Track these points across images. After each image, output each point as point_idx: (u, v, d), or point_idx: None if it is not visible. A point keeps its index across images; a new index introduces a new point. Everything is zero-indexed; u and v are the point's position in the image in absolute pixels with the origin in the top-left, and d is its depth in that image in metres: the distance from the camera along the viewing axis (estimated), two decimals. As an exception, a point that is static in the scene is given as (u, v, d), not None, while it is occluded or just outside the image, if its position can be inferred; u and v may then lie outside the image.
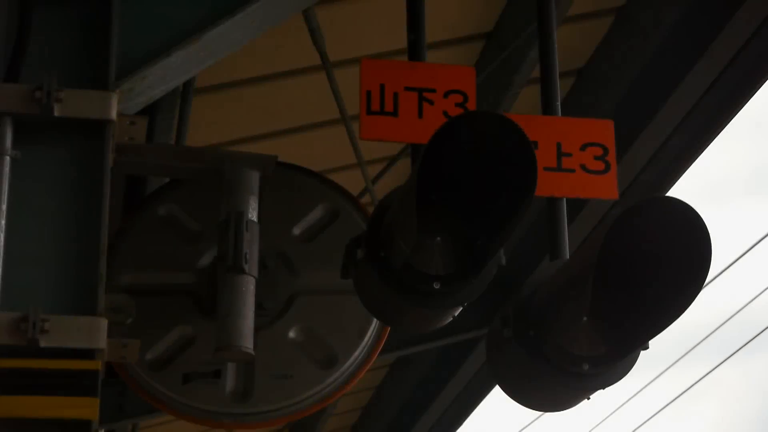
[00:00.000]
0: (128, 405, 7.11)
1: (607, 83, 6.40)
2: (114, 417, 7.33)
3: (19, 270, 4.03)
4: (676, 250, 4.19)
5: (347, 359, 5.20)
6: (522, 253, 6.50)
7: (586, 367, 4.48)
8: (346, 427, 11.29)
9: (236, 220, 4.81)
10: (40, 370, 3.99)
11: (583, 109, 6.28)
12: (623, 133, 5.26)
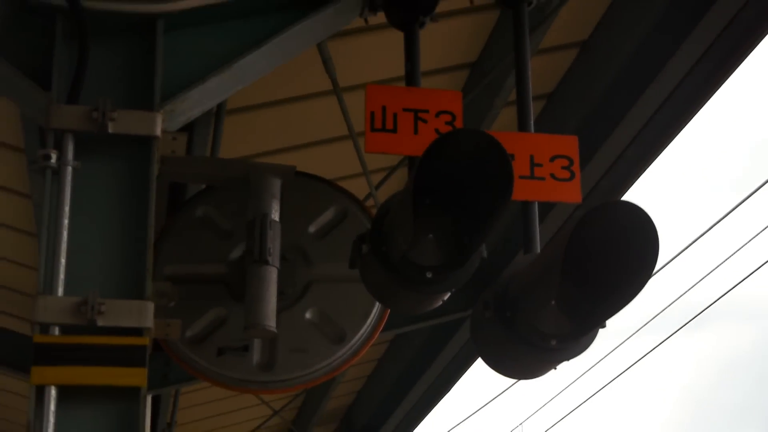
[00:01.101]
0: (171, 374, 7.12)
1: (572, 105, 6.41)
2: (159, 384, 7.33)
3: (80, 262, 4.03)
4: (629, 246, 4.20)
5: (354, 336, 5.20)
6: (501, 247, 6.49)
7: (553, 342, 4.48)
8: (353, 392, 11.27)
9: (261, 220, 4.81)
10: (97, 345, 3.98)
11: (552, 127, 6.28)
12: (586, 147, 5.27)
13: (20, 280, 7.59)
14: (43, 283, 3.96)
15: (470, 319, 4.95)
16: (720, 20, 5.44)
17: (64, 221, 4.04)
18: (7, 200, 6.76)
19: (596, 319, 4.41)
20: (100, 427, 3.97)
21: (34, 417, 3.92)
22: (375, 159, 5.85)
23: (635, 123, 6.09)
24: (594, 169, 6.30)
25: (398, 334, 8.74)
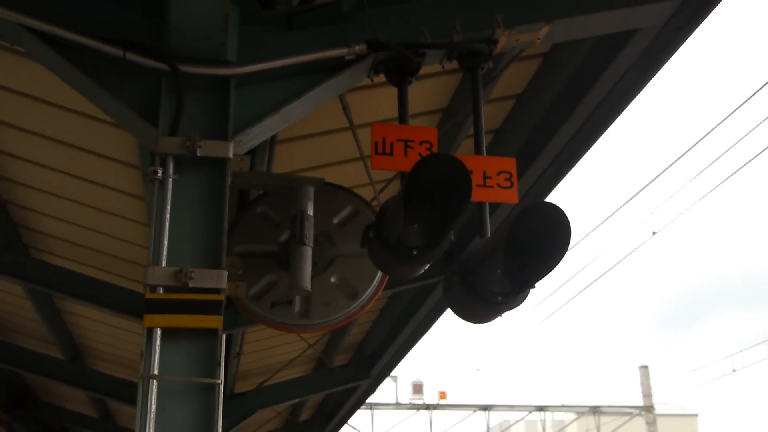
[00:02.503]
0: (239, 320, 7.15)
1: (512, 138, 6.44)
2: (231, 326, 7.36)
3: (177, 244, 4.05)
4: (550, 232, 4.21)
5: (364, 294, 5.20)
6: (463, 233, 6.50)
7: (499, 298, 4.49)
8: (363, 331, 11.31)
9: (301, 215, 4.83)
10: (189, 300, 4.00)
11: (498, 152, 6.29)
12: (521, 165, 5.31)
13: (137, 255, 7.62)
14: (152, 257, 3.99)
15: (443, 283, 4.96)
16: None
17: (166, 216, 4.06)
18: (128, 201, 6.79)
19: (528, 282, 4.43)
20: (191, 355, 3.99)
21: (145, 349, 3.95)
22: (378, 174, 5.87)
23: (552, 151, 6.14)
24: (526, 181, 6.33)
25: (394, 292, 8.76)
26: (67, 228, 7.47)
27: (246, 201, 5.76)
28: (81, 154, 6.22)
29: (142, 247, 7.34)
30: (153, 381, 3.93)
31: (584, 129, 5.93)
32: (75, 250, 7.79)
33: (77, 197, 6.94)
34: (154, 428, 3.90)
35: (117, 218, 7.15)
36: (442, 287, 5.03)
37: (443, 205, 4.26)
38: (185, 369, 3.97)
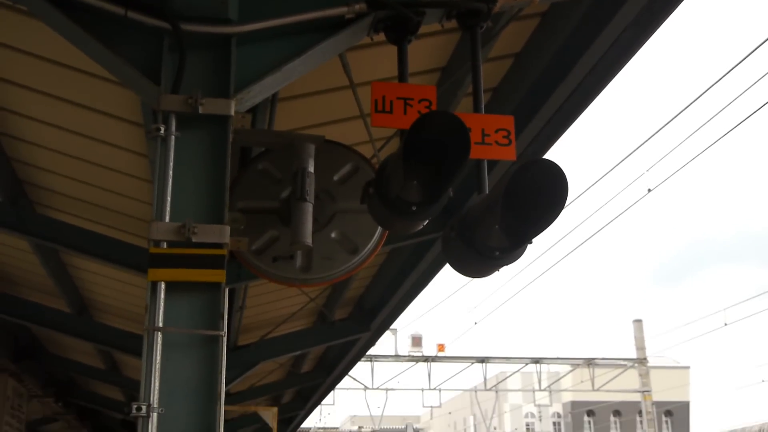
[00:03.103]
0: (242, 274, 7.18)
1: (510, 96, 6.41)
2: (234, 281, 7.40)
3: (180, 199, 4.07)
4: (547, 188, 4.22)
5: (364, 249, 5.23)
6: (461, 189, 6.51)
7: (497, 253, 4.52)
8: (363, 286, 11.35)
9: (302, 172, 4.82)
10: (192, 254, 4.02)
11: (496, 110, 6.28)
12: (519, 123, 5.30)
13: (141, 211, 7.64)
14: (156, 212, 4.01)
15: (441, 238, 4.99)
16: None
17: (169, 172, 4.07)
18: (132, 158, 6.79)
19: (525, 238, 4.45)
20: (195, 308, 4.02)
21: (150, 302, 3.98)
22: (378, 131, 5.87)
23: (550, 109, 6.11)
24: (524, 138, 6.32)
25: (393, 247, 8.80)
26: (71, 184, 7.48)
27: (247, 158, 5.77)
28: (84, 111, 6.21)
29: (146, 204, 7.36)
30: (158, 333, 3.97)
31: (582, 87, 5.91)
32: (80, 206, 7.81)
33: (81, 154, 6.94)
34: (159, 379, 3.95)
35: (121, 175, 7.15)
36: (440, 243, 5.05)
37: (442, 162, 4.26)
38: (189, 321, 4.01)
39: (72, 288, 9.85)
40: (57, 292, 9.63)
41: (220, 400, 4.09)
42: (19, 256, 8.93)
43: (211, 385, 4.06)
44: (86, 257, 7.84)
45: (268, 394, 16.86)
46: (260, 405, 16.61)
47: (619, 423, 71.59)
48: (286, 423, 20.74)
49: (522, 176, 4.19)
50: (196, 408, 4.05)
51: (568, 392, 54.96)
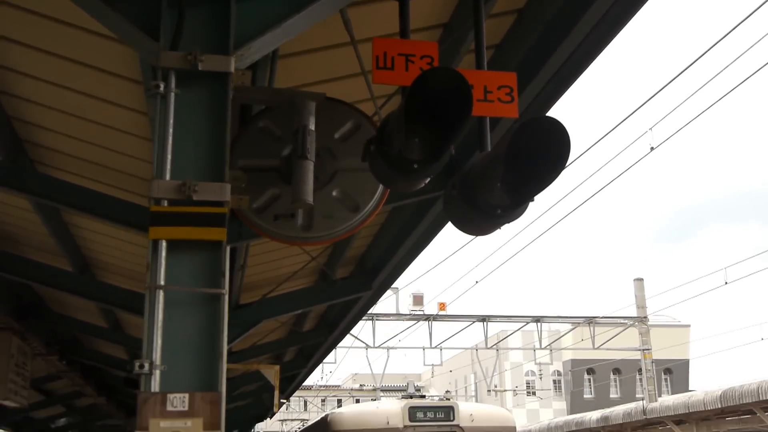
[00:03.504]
0: (243, 233, 7.17)
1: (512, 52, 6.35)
2: (235, 239, 7.39)
3: (180, 157, 4.05)
4: (549, 146, 4.21)
5: (365, 207, 5.23)
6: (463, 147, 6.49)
7: (498, 211, 4.52)
8: (364, 245, 11.36)
9: (302, 130, 4.80)
10: (193, 212, 4.01)
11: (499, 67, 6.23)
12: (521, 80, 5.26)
13: (142, 170, 7.62)
14: (156, 171, 3.99)
15: (443, 196, 4.99)
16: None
17: (169, 130, 4.05)
18: (132, 116, 6.76)
19: (527, 195, 4.45)
20: (196, 266, 4.03)
21: (151, 260, 3.98)
22: (379, 88, 5.83)
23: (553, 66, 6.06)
24: (527, 96, 6.27)
25: (394, 206, 8.79)
26: (72, 143, 7.46)
27: (248, 116, 5.73)
28: (83, 69, 6.17)
29: (146, 162, 7.34)
30: (159, 291, 3.98)
31: (585, 44, 5.86)
32: (80, 165, 7.79)
33: (81, 112, 6.91)
34: (161, 336, 3.96)
35: (121, 133, 7.12)
36: (442, 201, 5.05)
37: (444, 119, 4.24)
38: (191, 280, 4.01)
39: (73, 247, 9.87)
40: (59, 251, 9.65)
41: (222, 358, 4.11)
42: (20, 215, 8.93)
43: (213, 342, 4.07)
44: (87, 216, 7.84)
45: (270, 352, 16.98)
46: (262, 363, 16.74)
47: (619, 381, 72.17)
48: (288, 381, 20.92)
49: (524, 134, 4.17)
50: (198, 365, 4.07)
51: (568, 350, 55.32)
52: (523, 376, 71.39)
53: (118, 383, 18.00)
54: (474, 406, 16.65)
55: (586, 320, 32.19)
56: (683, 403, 27.40)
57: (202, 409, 4.03)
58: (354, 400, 57.44)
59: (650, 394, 31.02)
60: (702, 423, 28.15)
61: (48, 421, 25.78)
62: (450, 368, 63.84)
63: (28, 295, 11.93)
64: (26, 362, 12.38)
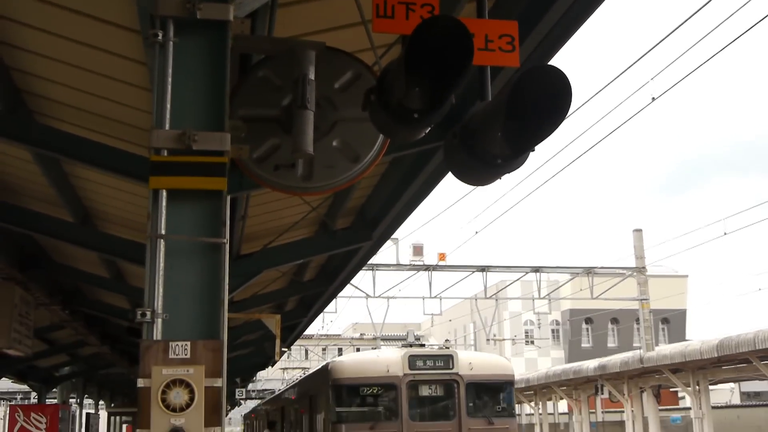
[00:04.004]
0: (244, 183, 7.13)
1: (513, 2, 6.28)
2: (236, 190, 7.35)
3: (180, 107, 4.04)
4: (550, 95, 4.18)
5: (365, 157, 5.23)
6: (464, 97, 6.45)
7: (499, 161, 4.51)
8: (365, 195, 11.35)
9: (302, 79, 4.78)
10: (193, 162, 4.02)
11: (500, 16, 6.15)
12: (522, 30, 5.20)
13: (141, 120, 7.59)
14: (155, 120, 3.99)
15: (443, 146, 4.97)
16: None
17: (168, 79, 4.04)
18: (131, 66, 6.71)
19: (528, 145, 4.44)
20: (197, 216, 4.04)
21: (152, 210, 3.99)
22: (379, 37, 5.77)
23: (555, 15, 5.99)
24: (528, 45, 6.21)
25: (395, 156, 8.78)
26: (71, 93, 7.41)
27: (247, 65, 5.69)
28: (82, 18, 6.10)
29: (146, 113, 7.30)
30: (160, 240, 4.00)
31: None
32: (80, 115, 7.75)
33: (80, 62, 6.85)
34: (162, 285, 3.99)
35: (120, 83, 7.08)
36: (442, 151, 5.04)
37: (444, 69, 4.21)
38: (192, 229, 4.03)
39: (74, 197, 9.87)
40: (59, 202, 9.66)
41: (223, 307, 4.14)
42: (20, 165, 8.92)
43: (215, 291, 4.10)
44: (87, 167, 7.83)
45: (271, 302, 17.09)
46: (264, 313, 16.86)
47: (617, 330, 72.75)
48: (289, 330, 21.09)
49: (525, 83, 4.15)
50: (200, 314, 4.10)
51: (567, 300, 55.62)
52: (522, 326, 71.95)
53: (122, 333, 18.15)
54: (473, 355, 16.79)
55: (584, 270, 32.33)
56: (680, 352, 27.64)
57: (204, 357, 4.08)
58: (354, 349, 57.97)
59: (647, 343, 31.29)
60: (698, 371, 28.44)
61: (52, 369, 26.06)
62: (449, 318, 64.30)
63: (30, 245, 11.97)
64: (29, 312, 12.46)
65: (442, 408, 15.26)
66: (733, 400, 54.97)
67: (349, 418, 14.90)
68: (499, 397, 15.63)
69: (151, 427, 4.01)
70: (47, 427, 17.02)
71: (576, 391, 37.83)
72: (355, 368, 15.35)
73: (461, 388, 15.07)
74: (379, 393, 15.14)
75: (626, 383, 32.87)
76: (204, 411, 4.06)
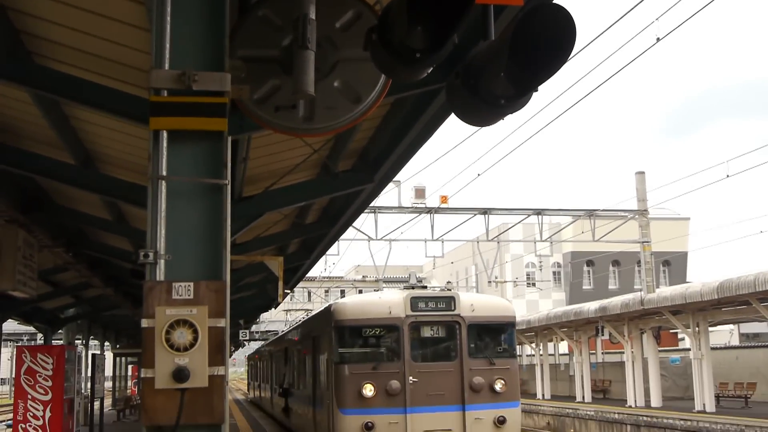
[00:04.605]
0: (245, 125, 7.11)
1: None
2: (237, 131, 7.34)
3: (179, 46, 4.00)
4: (554, 34, 4.14)
5: (367, 98, 5.19)
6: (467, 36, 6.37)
7: (502, 101, 4.48)
8: (367, 137, 11.30)
9: (303, 18, 4.72)
10: (194, 102, 4.00)
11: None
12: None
13: (141, 61, 7.52)
14: (155, 60, 3.95)
15: (446, 86, 4.94)
16: None
17: (167, 18, 3.99)
18: (130, 5, 6.62)
19: (531, 85, 4.41)
20: (198, 157, 4.03)
21: (153, 151, 3.98)
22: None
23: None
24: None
25: (397, 98, 8.71)
26: (69, 34, 7.33)
27: (247, 4, 5.62)
28: (78, -44, 6.02)
29: (146, 54, 7.23)
30: (162, 182, 3.99)
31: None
32: (79, 56, 7.67)
33: (78, 2, 6.76)
34: (165, 227, 3.99)
35: (119, 23, 6.99)
36: (445, 91, 5.00)
37: (447, 7, 4.16)
38: (193, 170, 4.02)
39: (75, 140, 9.83)
40: (60, 144, 9.62)
41: (226, 248, 4.15)
42: (19, 107, 8.87)
43: (217, 232, 4.11)
44: (87, 108, 7.78)
45: (274, 244, 17.15)
46: (266, 255, 16.93)
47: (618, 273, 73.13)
48: (291, 272, 21.20)
49: (529, 21, 4.10)
50: (202, 255, 4.11)
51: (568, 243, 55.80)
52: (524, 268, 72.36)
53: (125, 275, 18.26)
54: (475, 297, 16.91)
55: (586, 213, 32.37)
56: (680, 294, 27.82)
57: (207, 297, 4.10)
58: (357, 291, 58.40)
59: (648, 285, 31.47)
60: (698, 313, 28.65)
61: (57, 311, 26.29)
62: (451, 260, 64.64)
63: (32, 188, 11.97)
64: (33, 254, 12.52)
65: (444, 349, 15.42)
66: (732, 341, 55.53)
67: (351, 359, 15.07)
68: (500, 339, 15.78)
69: (155, 367, 4.05)
70: (54, 368, 17.22)
71: (576, 332, 38.17)
72: (357, 310, 15.48)
73: (463, 329, 15.21)
74: (381, 334, 15.29)
75: (626, 325, 33.15)
76: (208, 351, 4.10)
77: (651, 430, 27.28)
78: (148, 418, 4.15)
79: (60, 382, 17.32)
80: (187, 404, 4.12)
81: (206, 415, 4.18)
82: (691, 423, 25.24)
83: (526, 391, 43.38)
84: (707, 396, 28.58)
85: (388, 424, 14.45)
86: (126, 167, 10.83)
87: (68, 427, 17.98)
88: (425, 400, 14.69)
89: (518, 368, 16.63)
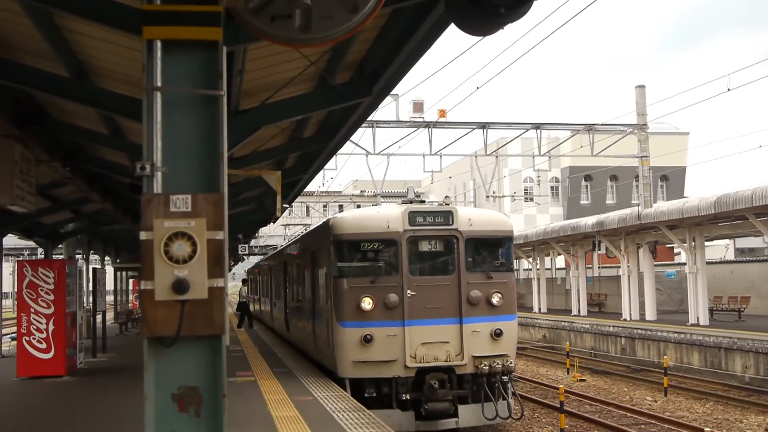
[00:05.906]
0: (240, 36, 7.03)
1: None
2: (233, 42, 7.26)
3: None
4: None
5: (364, 7, 5.07)
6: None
7: (502, 10, 4.42)
8: (364, 49, 11.12)
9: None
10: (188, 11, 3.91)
11: None
12: None
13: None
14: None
15: None
16: None
17: None
18: None
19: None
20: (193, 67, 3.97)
21: (147, 61, 3.92)
22: None
23: None
24: None
25: (395, 8, 8.56)
26: (59, -59, 7.15)
27: None
28: None
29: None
30: (157, 93, 3.94)
31: None
32: (69, -36, 7.50)
33: None
34: (161, 139, 3.96)
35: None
36: (444, 1, 4.91)
37: None
38: (188, 81, 3.96)
39: (69, 52, 9.68)
40: (54, 57, 9.48)
41: (223, 160, 4.12)
42: (11, 18, 8.70)
43: (214, 144, 4.07)
44: (79, 18, 7.64)
45: (272, 158, 17.10)
46: (264, 169, 16.90)
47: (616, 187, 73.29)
48: (289, 187, 21.21)
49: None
50: (199, 167, 4.09)
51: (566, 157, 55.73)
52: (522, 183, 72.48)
53: (123, 190, 18.26)
54: (472, 211, 16.95)
55: (585, 127, 32.21)
56: (677, 209, 27.92)
57: (205, 210, 4.09)
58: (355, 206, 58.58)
59: (646, 200, 31.56)
60: (695, 228, 28.82)
61: (57, 226, 26.39)
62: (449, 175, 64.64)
63: (27, 102, 11.85)
64: (30, 169, 12.47)
65: (442, 263, 15.53)
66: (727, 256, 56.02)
67: (350, 272, 15.18)
68: (498, 253, 15.87)
69: (155, 279, 4.07)
70: (56, 282, 17.37)
71: (574, 247, 38.47)
72: (355, 224, 15.52)
73: (460, 243, 15.28)
74: (379, 248, 15.37)
75: (623, 239, 33.38)
76: (207, 263, 4.11)
77: (645, 342, 27.74)
78: (149, 329, 4.18)
79: (62, 295, 17.49)
80: (187, 316, 4.15)
81: (206, 326, 4.21)
82: (684, 336, 25.65)
83: (522, 304, 43.98)
84: (701, 310, 28.98)
85: (387, 336, 14.65)
86: (121, 80, 10.70)
87: (72, 339, 18.24)
88: (423, 313, 14.85)
89: (515, 282, 16.78)
